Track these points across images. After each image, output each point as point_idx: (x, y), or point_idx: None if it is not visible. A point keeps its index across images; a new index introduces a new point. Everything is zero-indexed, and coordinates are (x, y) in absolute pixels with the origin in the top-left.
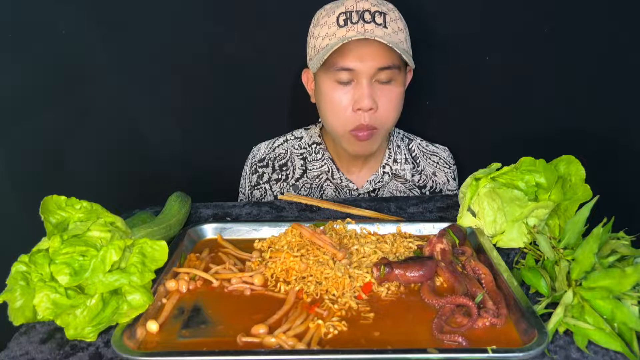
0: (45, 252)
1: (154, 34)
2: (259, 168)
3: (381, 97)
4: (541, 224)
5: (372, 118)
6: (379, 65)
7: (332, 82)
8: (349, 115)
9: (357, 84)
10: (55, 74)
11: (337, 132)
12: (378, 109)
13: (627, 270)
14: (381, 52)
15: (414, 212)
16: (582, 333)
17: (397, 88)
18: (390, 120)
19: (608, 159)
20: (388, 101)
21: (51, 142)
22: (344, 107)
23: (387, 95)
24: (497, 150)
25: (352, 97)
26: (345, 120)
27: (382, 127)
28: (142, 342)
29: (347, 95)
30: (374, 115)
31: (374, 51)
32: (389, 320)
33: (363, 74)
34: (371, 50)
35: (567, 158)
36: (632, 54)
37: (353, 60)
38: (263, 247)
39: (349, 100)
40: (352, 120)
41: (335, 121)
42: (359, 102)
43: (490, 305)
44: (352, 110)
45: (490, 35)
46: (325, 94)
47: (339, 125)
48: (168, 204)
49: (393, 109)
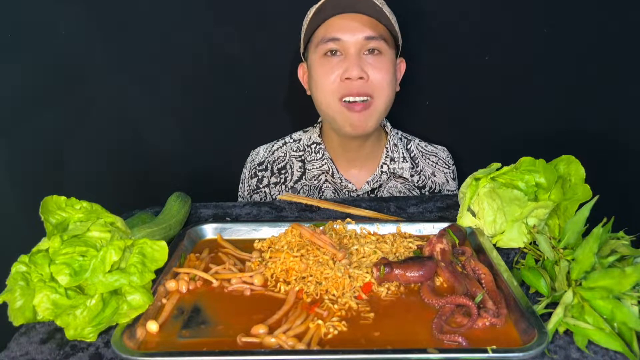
0: (45, 252)
1: (154, 34)
2: (258, 172)
3: (371, 68)
4: (541, 224)
5: (364, 86)
6: (366, 35)
7: (320, 58)
8: (337, 85)
9: (345, 56)
10: (55, 74)
11: (329, 105)
12: (369, 78)
13: (627, 270)
14: (368, 23)
15: (414, 212)
16: (582, 333)
17: (387, 60)
18: (384, 91)
19: (608, 159)
20: (378, 71)
21: (51, 142)
22: (332, 79)
23: (377, 66)
24: (497, 150)
25: (341, 69)
26: (334, 90)
27: (377, 98)
28: (142, 342)
29: (335, 67)
30: (365, 84)
31: (360, 22)
32: (389, 320)
33: (351, 45)
34: (357, 21)
35: (567, 158)
36: (632, 54)
37: (340, 31)
38: (263, 247)
39: (337, 73)
40: (341, 89)
41: (325, 94)
42: (348, 71)
43: (490, 305)
44: (340, 80)
45: (490, 35)
46: (315, 72)
47: (327, 96)
48: (168, 204)
49: (385, 80)
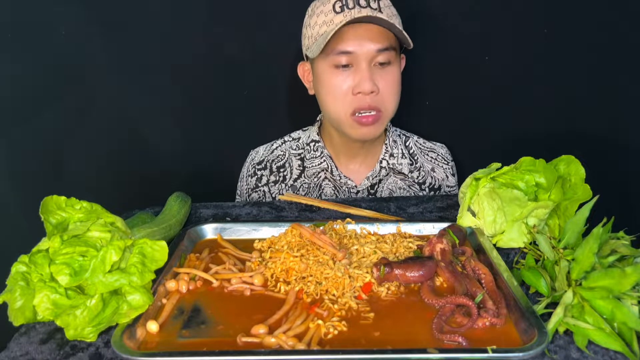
0: (45, 252)
1: (154, 34)
2: (257, 171)
3: (381, 80)
4: (541, 224)
5: (375, 100)
6: (378, 47)
7: (330, 67)
8: (349, 99)
9: (357, 68)
10: (55, 74)
11: (340, 117)
12: (379, 91)
13: (627, 270)
14: (379, 34)
15: (414, 212)
16: (582, 333)
17: (396, 71)
18: (393, 103)
19: (608, 159)
20: (388, 84)
21: (51, 142)
22: (344, 92)
23: (387, 78)
24: (497, 150)
25: (352, 81)
26: (345, 104)
27: (385, 110)
28: (142, 343)
29: (347, 79)
30: (375, 97)
31: (372, 34)
32: (389, 320)
33: (362, 57)
34: (369, 33)
35: (567, 158)
36: (631, 54)
37: (352, 43)
38: (263, 247)
39: (348, 85)
40: (353, 103)
41: (336, 107)
42: (360, 86)
43: (490, 305)
44: (352, 94)
45: (490, 35)
46: (324, 81)
47: (340, 110)
48: (168, 204)
49: (394, 92)
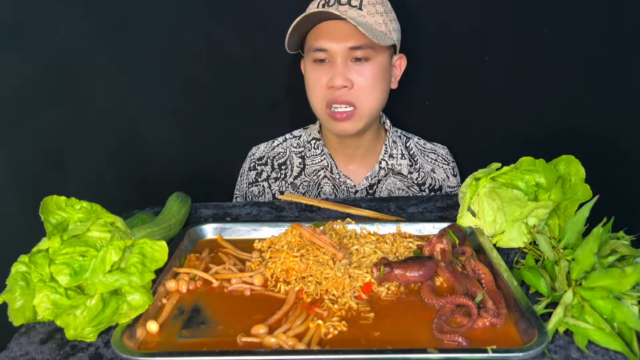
0: (45, 252)
1: (154, 34)
2: (257, 166)
3: (356, 76)
4: (541, 224)
5: (348, 94)
6: (351, 45)
7: (311, 62)
8: (323, 92)
9: (333, 63)
10: (55, 74)
11: (317, 111)
12: (354, 86)
13: (627, 270)
14: (353, 31)
15: (414, 212)
16: (582, 333)
17: (374, 67)
18: (369, 98)
19: (608, 159)
20: (364, 79)
21: (51, 142)
22: (320, 86)
23: (362, 73)
24: (497, 150)
25: (327, 76)
26: (320, 97)
27: (361, 106)
28: (142, 343)
29: (323, 74)
30: (349, 92)
31: (345, 31)
32: (389, 320)
33: (337, 53)
34: (343, 30)
35: (567, 158)
36: (631, 54)
37: (326, 40)
38: (263, 247)
39: (324, 79)
40: (326, 96)
41: (314, 100)
42: (332, 80)
43: (490, 305)
44: (326, 87)
45: (490, 35)
46: (306, 75)
47: (316, 102)
48: (168, 204)
49: (370, 87)
